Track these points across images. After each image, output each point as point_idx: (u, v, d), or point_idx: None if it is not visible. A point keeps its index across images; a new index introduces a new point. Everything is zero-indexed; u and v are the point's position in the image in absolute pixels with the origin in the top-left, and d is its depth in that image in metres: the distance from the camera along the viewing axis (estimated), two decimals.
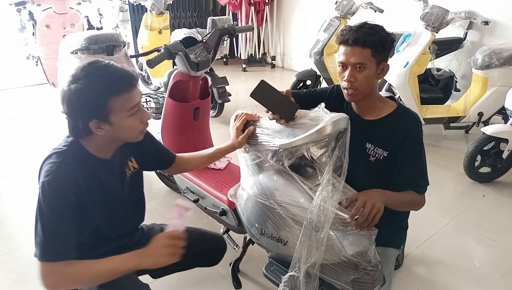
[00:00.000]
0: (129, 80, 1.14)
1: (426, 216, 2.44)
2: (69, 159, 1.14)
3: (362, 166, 1.50)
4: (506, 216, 2.48)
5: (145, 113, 1.21)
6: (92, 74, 1.10)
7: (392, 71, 3.26)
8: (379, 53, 1.36)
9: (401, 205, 1.42)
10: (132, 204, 1.40)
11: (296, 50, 6.36)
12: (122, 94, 1.11)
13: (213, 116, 3.95)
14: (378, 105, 1.48)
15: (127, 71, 1.15)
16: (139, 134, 1.23)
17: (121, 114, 1.13)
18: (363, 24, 1.38)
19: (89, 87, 1.08)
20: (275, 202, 1.39)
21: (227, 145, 1.49)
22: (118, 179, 1.30)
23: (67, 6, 3.98)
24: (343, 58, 1.38)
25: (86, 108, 1.10)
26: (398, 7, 4.13)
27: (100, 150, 1.22)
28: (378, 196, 1.27)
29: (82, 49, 2.81)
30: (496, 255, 2.13)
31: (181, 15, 6.44)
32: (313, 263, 1.29)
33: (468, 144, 2.81)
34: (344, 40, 1.36)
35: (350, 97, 1.42)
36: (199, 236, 1.59)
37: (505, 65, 3.07)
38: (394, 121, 1.44)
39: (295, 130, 1.32)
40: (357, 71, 1.36)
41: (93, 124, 1.12)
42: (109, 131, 1.14)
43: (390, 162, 1.45)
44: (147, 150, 1.40)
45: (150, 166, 1.50)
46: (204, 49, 1.95)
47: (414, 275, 1.97)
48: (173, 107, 2.09)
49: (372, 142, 1.48)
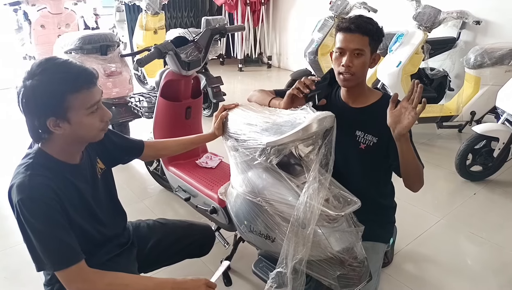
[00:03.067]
0: (89, 77, 1.10)
1: (417, 214, 2.46)
2: (38, 170, 1.10)
3: (353, 153, 1.55)
4: (497, 214, 2.50)
5: (106, 111, 1.17)
6: (49, 70, 1.05)
7: (385, 71, 3.29)
8: (374, 42, 1.45)
9: (413, 159, 1.41)
10: (110, 205, 1.39)
11: (292, 50, 6.38)
12: (81, 91, 1.07)
13: (207, 116, 3.97)
14: (366, 93, 1.55)
15: (87, 68, 1.11)
16: (99, 132, 1.18)
17: (80, 112, 1.09)
18: (360, 15, 1.46)
19: (45, 83, 1.04)
20: (263, 199, 1.40)
21: (208, 133, 1.56)
22: (91, 182, 1.28)
23: (62, 6, 4.00)
24: (342, 44, 1.43)
25: (43, 105, 1.05)
26: (391, 7, 4.15)
27: (64, 153, 1.17)
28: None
29: (76, 48, 2.83)
30: (486, 253, 2.15)
31: (177, 15, 6.45)
32: (300, 260, 1.30)
33: (461, 143, 2.83)
34: (345, 27, 1.42)
35: (346, 82, 1.47)
36: (187, 229, 1.62)
37: (497, 65, 3.08)
38: (381, 108, 1.47)
39: (282, 128, 1.34)
40: (355, 57, 1.42)
41: (50, 122, 1.07)
42: (67, 130, 1.10)
43: (380, 148, 1.50)
44: (111, 147, 1.38)
45: (121, 160, 1.47)
46: (195, 48, 1.97)
47: (404, 272, 1.99)
48: (165, 106, 2.10)
49: (362, 129, 1.52)
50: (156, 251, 1.51)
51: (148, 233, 1.54)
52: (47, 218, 1.07)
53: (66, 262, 1.08)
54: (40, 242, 1.06)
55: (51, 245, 1.07)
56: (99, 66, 2.81)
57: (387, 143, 1.47)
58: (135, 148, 1.51)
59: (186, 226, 1.62)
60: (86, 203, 1.24)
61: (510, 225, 2.18)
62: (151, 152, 1.55)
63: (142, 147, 1.51)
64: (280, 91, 1.65)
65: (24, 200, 1.05)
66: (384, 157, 1.52)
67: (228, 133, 1.51)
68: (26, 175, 1.08)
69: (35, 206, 1.05)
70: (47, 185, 1.09)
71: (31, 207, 1.05)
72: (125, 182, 2.75)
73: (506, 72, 3.05)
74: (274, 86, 1.43)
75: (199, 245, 1.62)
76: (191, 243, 1.58)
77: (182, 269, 1.76)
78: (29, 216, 1.05)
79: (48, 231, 1.07)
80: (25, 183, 1.07)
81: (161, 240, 1.53)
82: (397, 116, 1.33)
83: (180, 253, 1.58)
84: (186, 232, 1.58)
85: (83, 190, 1.22)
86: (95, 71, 1.16)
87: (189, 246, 1.57)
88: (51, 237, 1.07)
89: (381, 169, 1.58)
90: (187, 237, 1.57)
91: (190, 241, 1.57)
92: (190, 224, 1.64)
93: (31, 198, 1.05)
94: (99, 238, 1.30)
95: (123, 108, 2.97)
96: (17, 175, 1.10)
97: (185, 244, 1.56)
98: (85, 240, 1.22)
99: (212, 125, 1.54)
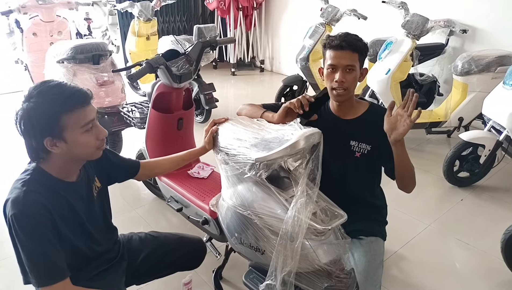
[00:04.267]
0: (82, 97, 1.15)
1: (406, 220, 2.51)
2: (34, 186, 1.14)
3: (350, 162, 1.62)
4: (483, 220, 2.56)
5: (101, 130, 1.22)
6: (44, 92, 1.12)
7: (375, 78, 3.34)
8: (362, 58, 1.54)
9: (408, 162, 1.50)
10: (103, 223, 1.42)
11: (284, 54, 6.42)
12: (75, 111, 1.13)
13: (200, 122, 4.00)
14: (355, 105, 1.63)
15: (80, 88, 1.17)
16: (95, 151, 1.22)
17: (75, 131, 1.14)
18: (347, 33, 1.54)
19: (40, 105, 1.09)
20: (252, 213, 1.43)
21: (199, 147, 1.60)
22: (87, 200, 1.31)
23: (54, 14, 4.00)
24: (334, 61, 1.51)
25: (38, 126, 1.10)
26: (380, 15, 4.21)
27: (62, 171, 1.22)
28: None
29: (68, 58, 2.84)
30: (473, 259, 2.20)
31: (170, 20, 6.46)
32: (289, 272, 1.34)
33: (449, 148, 2.89)
34: (337, 45, 1.50)
35: (340, 97, 1.55)
36: (178, 241, 1.65)
37: (484, 72, 3.15)
38: (371, 117, 1.60)
39: (270, 144, 1.38)
40: (347, 73, 1.51)
41: (47, 142, 1.12)
42: (64, 149, 1.15)
43: (374, 154, 1.59)
44: (109, 166, 1.42)
45: (116, 179, 1.51)
46: (186, 61, 2.00)
47: (393, 279, 2.04)
48: (157, 118, 2.13)
49: (356, 139, 1.60)
50: (147, 263, 1.54)
51: (140, 246, 1.57)
52: (36, 234, 1.10)
53: (51, 279, 1.12)
54: (28, 257, 1.11)
55: (37, 261, 1.11)
56: (92, 76, 2.82)
57: (379, 149, 1.56)
58: (131, 168, 1.55)
59: (178, 239, 1.65)
60: (79, 220, 1.27)
61: (495, 231, 2.22)
62: (145, 172, 1.59)
63: (138, 168, 1.56)
64: (268, 105, 1.70)
65: (17, 215, 1.09)
66: (378, 162, 1.62)
67: (219, 147, 1.55)
68: (22, 191, 1.12)
69: (27, 222, 1.09)
70: (40, 202, 1.12)
71: (23, 222, 1.09)
72: (117, 191, 2.77)
73: (492, 79, 3.12)
74: (267, 90, 1.49)
75: (190, 258, 1.65)
76: (182, 256, 1.61)
77: (176, 280, 1.79)
78: (19, 231, 1.09)
79: (35, 247, 1.11)
80: (19, 198, 1.11)
81: (152, 252, 1.56)
82: (393, 122, 1.41)
83: (172, 266, 1.61)
84: (178, 245, 1.62)
85: (77, 207, 1.25)
86: (89, 91, 1.20)
87: (180, 258, 1.60)
88: (38, 253, 1.11)
89: (375, 173, 1.69)
90: (178, 249, 1.60)
91: (181, 253, 1.61)
92: (182, 237, 1.68)
93: (24, 213, 1.09)
94: (90, 254, 1.33)
95: (116, 117, 2.98)
96: (14, 190, 1.14)
97: (176, 257, 1.59)
98: (75, 256, 1.26)
99: (203, 139, 1.57)
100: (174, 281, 1.81)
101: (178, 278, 1.76)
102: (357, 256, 1.56)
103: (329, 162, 1.56)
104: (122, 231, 1.66)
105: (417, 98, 1.40)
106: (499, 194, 2.84)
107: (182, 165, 1.74)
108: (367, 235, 1.61)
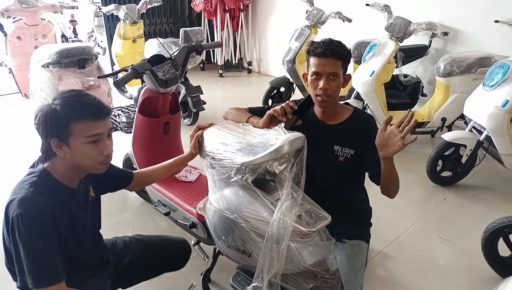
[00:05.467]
0: (96, 111, 1.19)
1: (390, 220, 2.56)
2: (41, 188, 1.18)
3: (333, 167, 1.65)
4: (465, 218, 2.63)
5: (107, 146, 1.23)
6: (65, 97, 1.18)
7: (359, 80, 3.39)
8: (345, 65, 1.56)
9: (395, 175, 1.51)
10: (93, 232, 1.44)
11: (272, 55, 6.46)
12: (84, 121, 1.17)
13: (188, 125, 4.01)
14: (339, 111, 1.66)
15: (100, 104, 1.21)
16: (97, 165, 1.24)
17: (80, 140, 1.17)
18: (331, 40, 1.56)
19: (58, 108, 1.16)
20: (239, 216, 1.46)
21: (186, 153, 1.61)
22: (83, 207, 1.34)
23: (38, 18, 3.97)
24: (318, 68, 1.53)
25: (50, 125, 1.16)
26: (365, 17, 4.27)
27: (65, 177, 1.25)
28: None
29: (53, 62, 2.83)
30: (456, 257, 2.26)
31: (156, 22, 6.43)
32: (275, 274, 1.36)
33: (433, 147, 2.96)
34: (320, 52, 1.52)
35: (324, 103, 1.57)
36: (163, 243, 1.67)
37: (465, 73, 3.23)
38: (354, 122, 1.63)
39: (256, 149, 1.40)
40: (331, 80, 1.52)
41: (53, 142, 1.17)
42: (68, 153, 1.19)
43: (357, 158, 1.61)
44: (103, 176, 1.42)
45: (110, 189, 1.54)
46: (172, 66, 2.01)
47: (377, 278, 2.08)
48: (143, 122, 2.14)
49: (340, 143, 1.63)
50: (133, 266, 1.56)
51: (125, 249, 1.59)
52: (40, 235, 1.13)
53: (48, 281, 1.14)
54: (28, 257, 1.12)
55: (37, 262, 1.12)
56: (77, 80, 2.82)
57: (363, 154, 1.59)
58: (125, 178, 1.57)
59: (162, 241, 1.67)
60: (74, 227, 1.29)
61: (477, 229, 2.28)
62: (137, 182, 1.61)
63: (131, 178, 1.58)
64: (254, 109, 1.72)
65: (24, 215, 1.11)
66: (361, 166, 1.65)
67: (205, 152, 1.57)
68: (29, 191, 1.15)
69: (32, 222, 1.12)
70: (47, 203, 1.16)
71: (28, 223, 1.11)
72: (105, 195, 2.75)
73: (473, 80, 3.20)
74: (254, 92, 1.52)
75: (175, 259, 1.68)
76: (167, 257, 1.64)
77: (163, 282, 1.80)
78: (24, 231, 1.11)
79: (38, 248, 1.12)
80: (27, 198, 1.13)
81: (137, 255, 1.58)
82: (386, 139, 1.39)
83: (157, 267, 1.63)
84: (162, 246, 1.65)
85: (74, 214, 1.28)
86: (110, 108, 1.25)
87: (165, 260, 1.63)
88: (39, 254, 1.13)
89: (358, 177, 1.71)
90: (163, 251, 1.63)
91: (166, 255, 1.63)
92: (166, 239, 1.70)
93: (31, 213, 1.12)
94: (77, 261, 1.35)
95: None
96: (20, 191, 1.16)
97: (161, 258, 1.62)
98: (66, 261, 1.26)
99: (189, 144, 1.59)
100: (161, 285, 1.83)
101: (166, 279, 1.77)
102: (339, 259, 1.59)
103: (314, 166, 1.59)
104: (110, 235, 1.67)
105: (416, 123, 1.36)
106: (481, 193, 2.91)
107: (172, 172, 1.76)
108: (349, 238, 1.64)
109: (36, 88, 3.02)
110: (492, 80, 2.64)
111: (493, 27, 3.13)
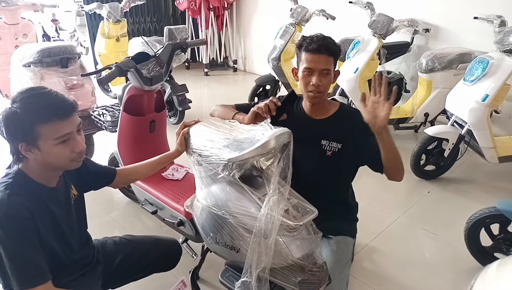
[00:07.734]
0: (60, 109, 1.14)
1: (376, 213, 2.60)
2: (17, 189, 1.15)
3: (320, 161, 1.66)
4: (448, 211, 2.68)
5: (78, 143, 1.21)
6: (25, 98, 1.13)
7: (344, 77, 3.43)
8: (336, 61, 1.57)
9: (395, 148, 1.47)
10: (80, 231, 1.42)
11: (257, 53, 6.46)
12: (50, 123, 1.12)
13: (174, 123, 3.99)
14: (326, 105, 1.67)
15: (64, 100, 1.16)
16: (70, 162, 1.21)
17: (48, 142, 1.14)
18: (322, 36, 1.55)
19: (19, 111, 1.11)
20: (227, 212, 1.46)
21: (173, 150, 1.60)
22: (65, 207, 1.32)
23: (19, 17, 3.89)
24: (311, 64, 1.53)
25: (14, 131, 1.12)
26: (348, 15, 4.32)
27: (41, 176, 1.22)
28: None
29: (35, 62, 2.77)
30: (440, 248, 2.31)
31: (140, 20, 6.37)
32: (263, 268, 1.37)
33: (417, 142, 3.01)
34: (314, 49, 1.51)
35: (315, 99, 1.59)
36: (154, 244, 1.66)
37: (446, 69, 3.30)
38: (341, 117, 1.65)
39: (242, 144, 1.41)
40: (322, 76, 1.53)
41: (21, 147, 1.14)
42: (38, 156, 1.16)
43: (345, 152, 1.63)
44: (85, 173, 1.42)
45: (92, 187, 1.52)
46: (157, 64, 2.00)
47: (364, 271, 2.11)
48: (128, 121, 2.12)
49: (326, 138, 1.64)
50: (123, 267, 1.55)
51: (115, 250, 1.57)
52: (20, 237, 1.11)
53: (33, 282, 1.12)
54: (10, 260, 1.10)
55: (20, 264, 1.11)
56: (60, 80, 2.76)
57: (352, 147, 1.60)
58: (107, 175, 1.55)
59: (152, 241, 1.66)
60: (58, 226, 1.27)
61: (460, 221, 2.34)
62: (121, 179, 1.59)
63: (114, 175, 1.56)
64: (241, 106, 1.73)
65: (1, 218, 1.09)
66: (350, 161, 1.65)
67: (192, 149, 1.57)
68: (5, 193, 1.13)
69: (11, 224, 1.10)
70: (24, 205, 1.13)
71: (7, 224, 1.09)
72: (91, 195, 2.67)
73: (454, 75, 3.27)
74: (240, 90, 1.52)
75: (166, 259, 1.67)
76: (158, 258, 1.63)
77: (153, 282, 1.79)
78: (3, 234, 1.09)
79: (19, 250, 1.11)
80: (3, 201, 1.11)
81: (128, 256, 1.57)
82: (372, 111, 1.38)
83: (147, 268, 1.62)
84: (153, 247, 1.63)
85: (56, 213, 1.25)
86: (75, 103, 1.20)
87: (156, 260, 1.62)
88: (21, 256, 1.11)
89: (346, 172, 1.73)
90: (153, 251, 1.62)
91: (157, 255, 1.62)
92: (157, 239, 1.69)
93: (8, 216, 1.10)
94: (66, 261, 1.33)
95: (86, 121, 2.93)
96: None
97: (152, 259, 1.61)
98: (52, 262, 1.25)
99: (175, 141, 1.59)
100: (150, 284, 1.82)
101: (155, 279, 1.76)
102: (325, 255, 1.60)
103: (301, 160, 1.60)
104: (97, 236, 1.65)
105: (386, 79, 1.35)
106: (463, 186, 2.98)
107: (158, 169, 1.74)
108: (335, 234, 1.66)
109: (18, 88, 2.96)
110: (472, 75, 2.70)
111: (473, 24, 3.20)
